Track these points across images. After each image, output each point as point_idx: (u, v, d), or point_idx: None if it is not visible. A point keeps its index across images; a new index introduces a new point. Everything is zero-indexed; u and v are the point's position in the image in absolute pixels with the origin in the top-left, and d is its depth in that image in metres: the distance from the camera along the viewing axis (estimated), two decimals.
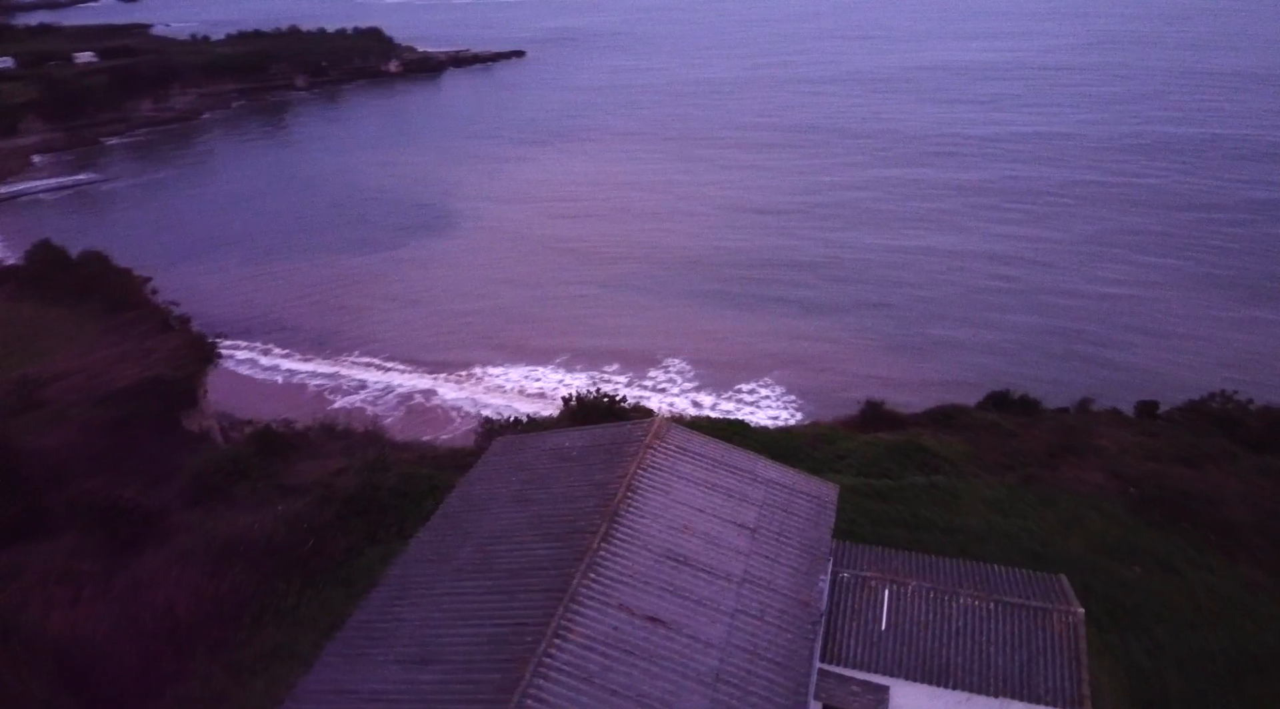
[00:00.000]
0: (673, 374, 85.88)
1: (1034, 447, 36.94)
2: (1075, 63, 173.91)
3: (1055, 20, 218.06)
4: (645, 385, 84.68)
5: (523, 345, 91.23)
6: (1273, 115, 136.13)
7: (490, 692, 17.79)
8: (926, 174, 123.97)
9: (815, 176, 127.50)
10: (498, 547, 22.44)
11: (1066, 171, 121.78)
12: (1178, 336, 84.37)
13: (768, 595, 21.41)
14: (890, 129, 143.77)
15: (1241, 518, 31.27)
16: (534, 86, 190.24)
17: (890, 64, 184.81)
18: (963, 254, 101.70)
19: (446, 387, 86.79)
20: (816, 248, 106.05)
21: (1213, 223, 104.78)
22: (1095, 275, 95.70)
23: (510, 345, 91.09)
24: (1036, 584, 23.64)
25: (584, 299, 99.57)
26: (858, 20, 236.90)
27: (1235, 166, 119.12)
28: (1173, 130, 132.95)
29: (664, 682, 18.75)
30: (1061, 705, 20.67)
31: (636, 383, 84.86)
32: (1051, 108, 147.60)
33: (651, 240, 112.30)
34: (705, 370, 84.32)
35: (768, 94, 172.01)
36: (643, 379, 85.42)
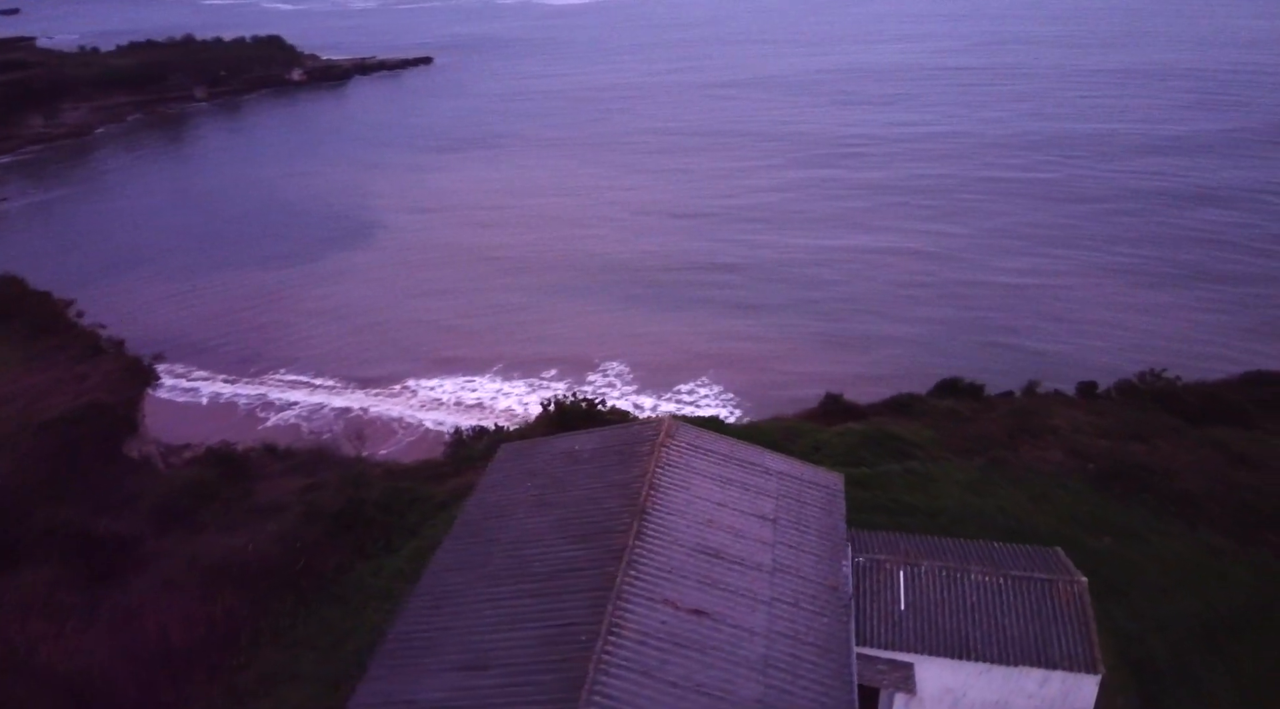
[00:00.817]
0: (612, 378, 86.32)
1: (993, 430, 38.82)
2: (970, 63, 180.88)
3: (950, 22, 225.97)
4: (584, 391, 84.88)
5: (455, 357, 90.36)
6: (1158, 110, 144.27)
7: (555, 691, 18.04)
8: (839, 174, 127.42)
9: (734, 179, 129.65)
10: (528, 551, 22.61)
11: (969, 169, 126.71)
12: (1085, 322, 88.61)
13: (798, 583, 22.17)
14: (802, 131, 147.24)
15: (1196, 487, 33.57)
16: (444, 93, 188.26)
17: (797, 68, 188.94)
18: (879, 251, 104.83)
19: (380, 402, 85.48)
20: (740, 249, 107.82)
21: (1108, 213, 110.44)
22: (1003, 267, 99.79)
23: (442, 357, 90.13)
24: (1037, 558, 25.03)
25: (514, 308, 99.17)
26: (763, 25, 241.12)
27: (1125, 159, 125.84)
28: (1065, 126, 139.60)
29: (717, 671, 19.29)
30: (1077, 669, 21.99)
31: (576, 388, 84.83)
32: (951, 108, 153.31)
33: (577, 246, 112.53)
34: (644, 373, 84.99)
35: (681, 98, 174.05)
36: (582, 384, 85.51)
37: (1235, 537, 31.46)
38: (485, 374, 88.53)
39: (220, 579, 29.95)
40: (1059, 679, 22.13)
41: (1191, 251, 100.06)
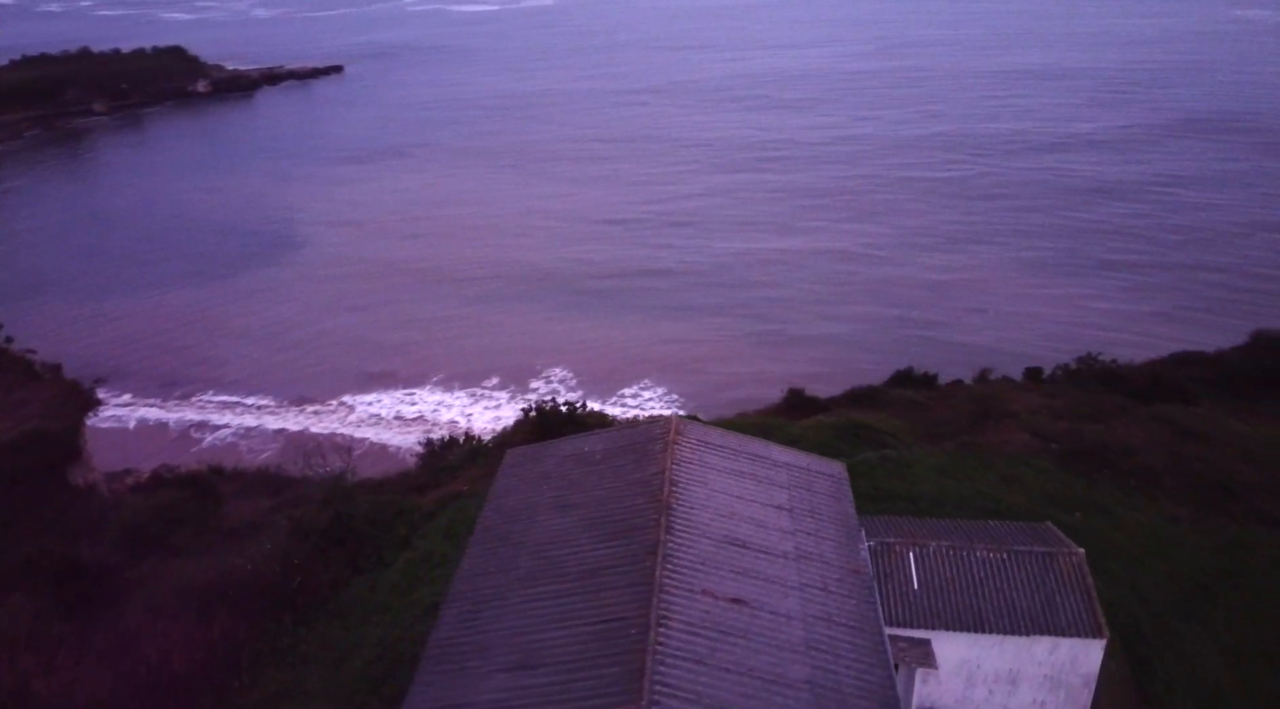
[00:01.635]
0: (555, 384, 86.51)
1: (956, 416, 40.53)
2: (876, 67, 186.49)
3: (853, 28, 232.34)
4: (528, 399, 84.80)
5: (390, 372, 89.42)
6: (1056, 109, 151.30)
7: (616, 683, 18.36)
8: (762, 178, 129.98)
9: (659, 185, 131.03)
10: (559, 552, 22.85)
11: (884, 170, 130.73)
12: (1004, 314, 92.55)
13: (823, 568, 22.96)
14: (721, 136, 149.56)
15: (1153, 462, 35.74)
16: (357, 103, 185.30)
17: (711, 73, 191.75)
18: (805, 252, 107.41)
19: (316, 420, 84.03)
20: (670, 254, 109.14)
21: (1017, 209, 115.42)
22: (924, 264, 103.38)
23: (377, 373, 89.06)
24: (1032, 533, 26.42)
25: (446, 319, 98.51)
26: (673, 32, 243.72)
27: (1029, 157, 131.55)
28: (972, 127, 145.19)
29: (765, 656, 19.89)
30: (1084, 635, 23.35)
31: (520, 395, 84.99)
32: (862, 111, 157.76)
33: (505, 256, 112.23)
34: (587, 378, 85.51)
35: (598, 105, 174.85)
36: (525, 392, 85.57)
37: (1191, 506, 33.64)
38: (424, 386, 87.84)
39: (214, 601, 29.24)
40: (1067, 646, 23.46)
41: (1095, 244, 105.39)
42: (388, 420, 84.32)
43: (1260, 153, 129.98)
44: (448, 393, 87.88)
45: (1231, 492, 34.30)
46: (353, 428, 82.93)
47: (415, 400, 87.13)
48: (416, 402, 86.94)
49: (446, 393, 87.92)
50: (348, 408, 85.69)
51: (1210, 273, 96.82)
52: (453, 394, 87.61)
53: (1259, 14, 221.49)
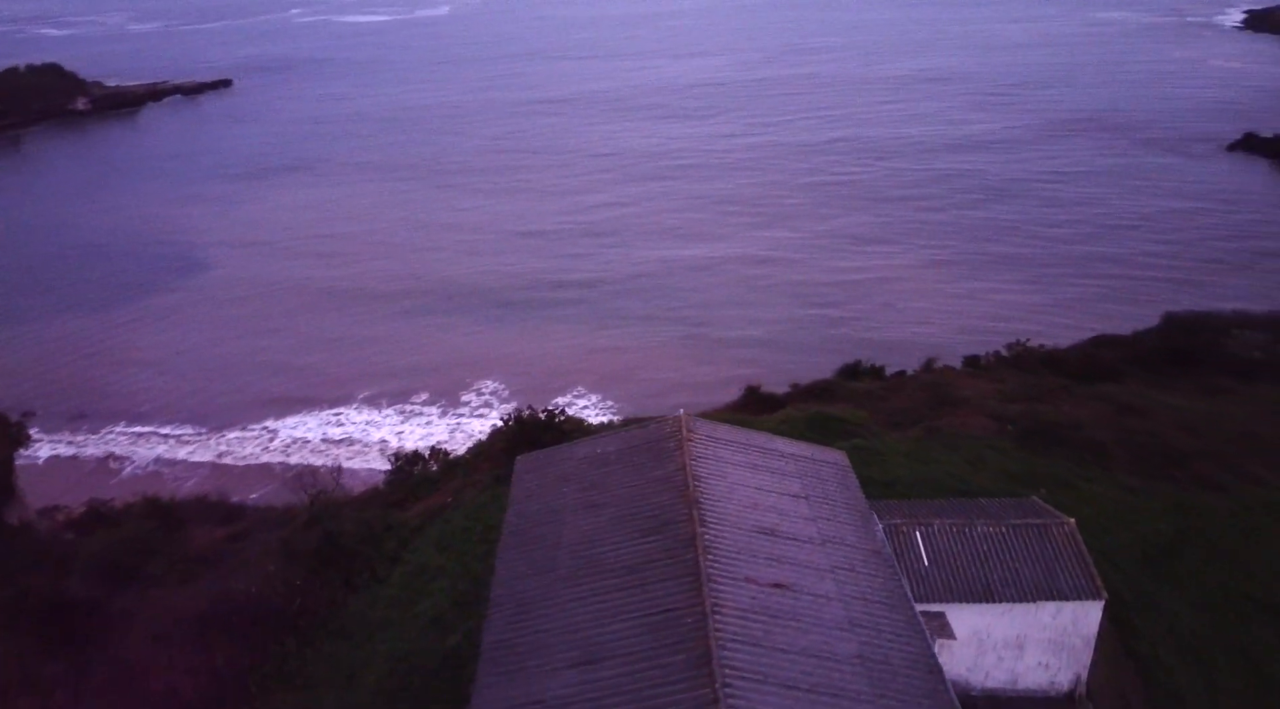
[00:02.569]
0: (487, 396, 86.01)
1: (913, 404, 42.44)
2: (774, 75, 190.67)
3: (748, 36, 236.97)
4: (461, 413, 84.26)
5: (312, 394, 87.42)
6: (947, 112, 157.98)
7: (685, 670, 18.94)
8: (673, 187, 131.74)
9: (572, 196, 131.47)
10: (595, 550, 23.28)
11: (790, 176, 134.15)
12: (916, 310, 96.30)
13: (847, 550, 24.03)
14: (629, 147, 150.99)
15: (1102, 436, 38.26)
16: (249, 118, 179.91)
17: (611, 83, 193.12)
18: (722, 259, 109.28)
19: (239, 446, 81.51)
20: (590, 264, 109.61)
21: (919, 210, 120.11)
22: (836, 266, 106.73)
23: (297, 396, 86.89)
24: (1022, 507, 28.15)
25: (365, 338, 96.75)
26: (569, 42, 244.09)
27: (926, 160, 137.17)
28: (870, 132, 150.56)
29: (815, 636, 20.77)
30: (1084, 598, 25.09)
31: (452, 411, 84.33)
32: (764, 119, 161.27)
33: (420, 271, 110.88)
34: (518, 389, 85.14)
35: (499, 116, 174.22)
36: (457, 406, 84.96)
37: (1142, 475, 36.22)
38: (350, 406, 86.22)
39: (212, 628, 28.47)
40: (1070, 609, 25.14)
41: (993, 241, 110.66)
42: (314, 443, 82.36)
43: (1134, 148, 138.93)
44: (376, 411, 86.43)
45: (1175, 460, 37.07)
46: (279, 453, 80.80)
47: (342, 421, 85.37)
48: (344, 422, 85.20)
49: (375, 411, 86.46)
50: (270, 433, 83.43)
51: (1100, 263, 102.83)
52: (381, 412, 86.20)
53: (1119, 15, 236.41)
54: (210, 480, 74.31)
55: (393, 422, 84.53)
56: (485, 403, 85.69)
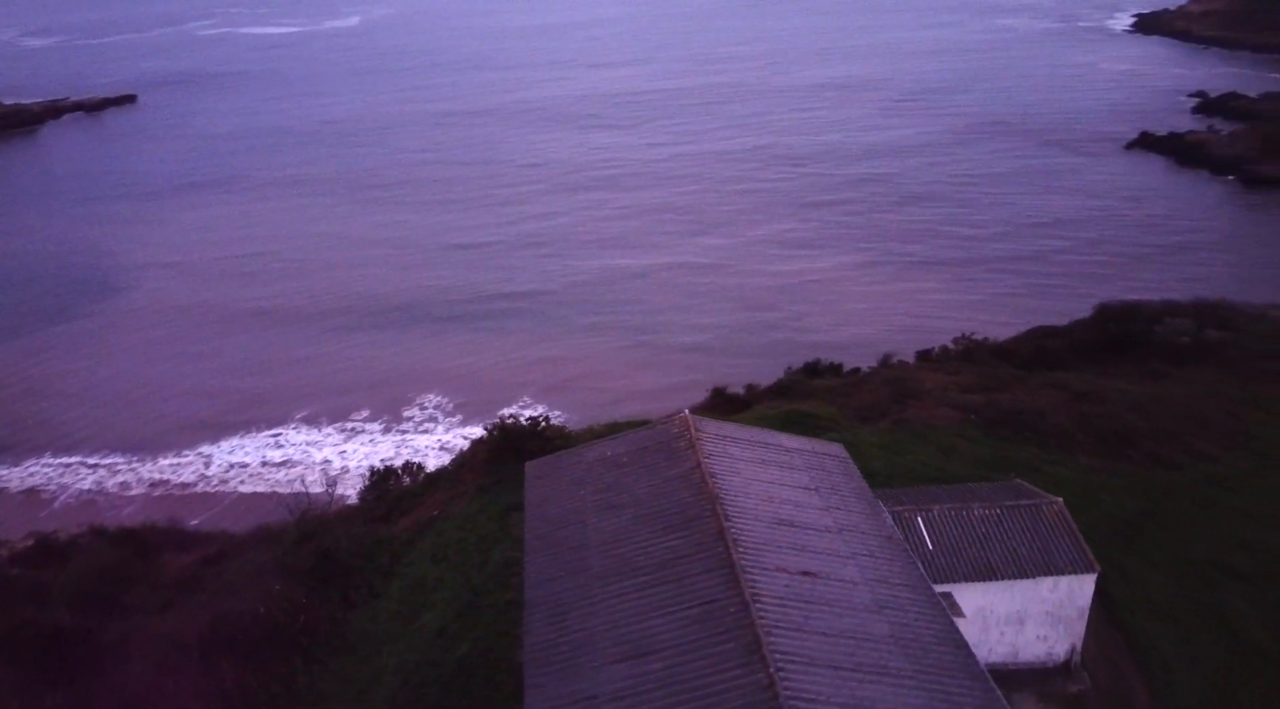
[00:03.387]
0: (431, 411, 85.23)
1: (877, 399, 43.90)
2: (694, 84, 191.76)
3: (666, 46, 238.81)
4: (405, 429, 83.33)
5: (247, 416, 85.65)
6: (863, 118, 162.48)
7: (736, 657, 19.57)
8: (605, 197, 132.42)
9: (501, 208, 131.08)
10: (624, 549, 23.75)
11: (718, 183, 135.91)
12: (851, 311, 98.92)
13: (863, 537, 25.00)
14: (557, 158, 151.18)
15: (1062, 422, 40.28)
16: (158, 134, 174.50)
17: (538, 94, 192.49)
18: (661, 266, 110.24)
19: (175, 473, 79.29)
20: (529, 276, 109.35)
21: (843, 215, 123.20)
22: (772, 270, 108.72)
23: (232, 419, 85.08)
24: (1010, 490, 29.60)
25: (300, 358, 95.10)
26: (492, 52, 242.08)
27: (846, 166, 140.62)
28: (791, 139, 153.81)
29: (848, 619, 21.62)
30: (1079, 571, 26.59)
31: (395, 427, 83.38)
32: (687, 128, 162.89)
33: (352, 288, 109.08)
34: (463, 402, 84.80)
35: (423, 129, 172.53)
36: (400, 422, 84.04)
37: (1101, 456, 38.30)
38: (287, 426, 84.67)
39: (215, 652, 27.93)
40: (1066, 582, 26.61)
41: (916, 242, 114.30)
42: (253, 467, 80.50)
43: (1040, 149, 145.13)
44: (316, 431, 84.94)
45: (1130, 441, 39.28)
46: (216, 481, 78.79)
47: (281, 442, 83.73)
48: (283, 443, 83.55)
49: (314, 431, 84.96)
50: (205, 458, 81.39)
51: (1018, 261, 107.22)
52: (321, 432, 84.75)
53: (1017, 22, 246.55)
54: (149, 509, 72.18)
55: (334, 441, 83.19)
56: (430, 417, 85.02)
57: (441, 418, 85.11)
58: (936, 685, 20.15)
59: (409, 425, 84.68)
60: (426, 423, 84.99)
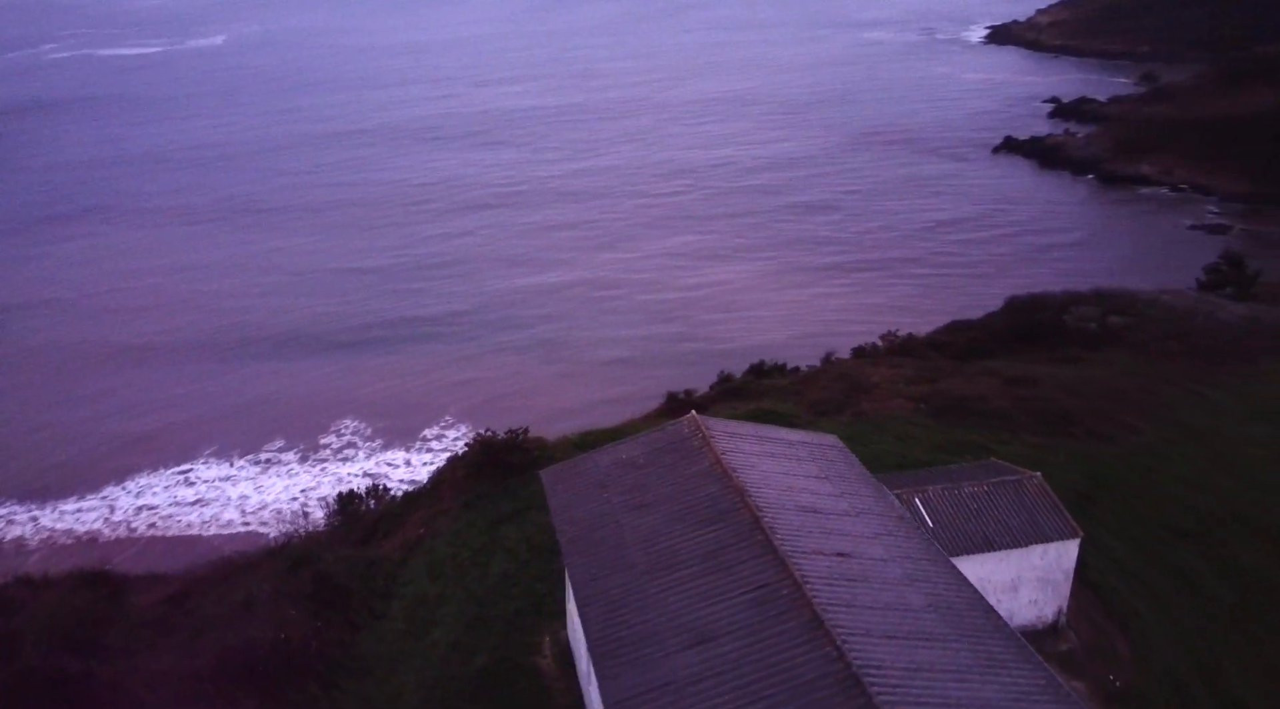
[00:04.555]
0: (349, 437, 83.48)
1: (831, 394, 45.85)
2: (580, 100, 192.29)
3: (548, 62, 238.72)
4: (324, 457, 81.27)
5: (150, 456, 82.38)
6: (751, 132, 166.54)
7: (801, 634, 20.67)
8: (504, 217, 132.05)
9: (396, 229, 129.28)
10: (664, 544, 24.57)
11: (616, 200, 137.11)
12: (758, 318, 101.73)
13: (879, 519, 26.50)
14: (449, 177, 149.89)
15: (1003, 406, 43.08)
16: (18, 165, 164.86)
17: (422, 112, 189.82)
18: (570, 284, 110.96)
19: (78, 521, 75.27)
20: (436, 298, 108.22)
21: (743, 227, 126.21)
22: (679, 283, 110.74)
23: (134, 459, 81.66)
24: (989, 468, 31.73)
25: (200, 393, 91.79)
26: (368, 70, 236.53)
27: (740, 178, 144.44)
28: (684, 155, 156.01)
29: (887, 593, 23.01)
30: (1065, 537, 28.84)
31: (313, 456, 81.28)
32: (579, 144, 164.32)
33: (252, 319, 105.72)
34: (383, 426, 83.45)
35: (305, 152, 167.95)
36: (318, 450, 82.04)
37: (1044, 435, 41.21)
38: (197, 462, 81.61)
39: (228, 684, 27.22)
40: (1054, 548, 28.82)
41: (812, 251, 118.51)
42: (164, 506, 77.14)
43: (917, 157, 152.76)
44: (228, 465, 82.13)
45: (1067, 419, 42.40)
46: (122, 526, 75.07)
47: (192, 479, 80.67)
48: (194, 480, 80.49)
49: (226, 465, 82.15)
50: (110, 502, 77.62)
51: (911, 265, 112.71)
52: (234, 466, 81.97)
53: (883, 36, 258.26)
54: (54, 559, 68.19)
55: (249, 474, 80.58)
56: (349, 443, 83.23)
57: (361, 443, 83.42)
58: (979, 647, 21.72)
59: (327, 453, 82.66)
60: (346, 449, 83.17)
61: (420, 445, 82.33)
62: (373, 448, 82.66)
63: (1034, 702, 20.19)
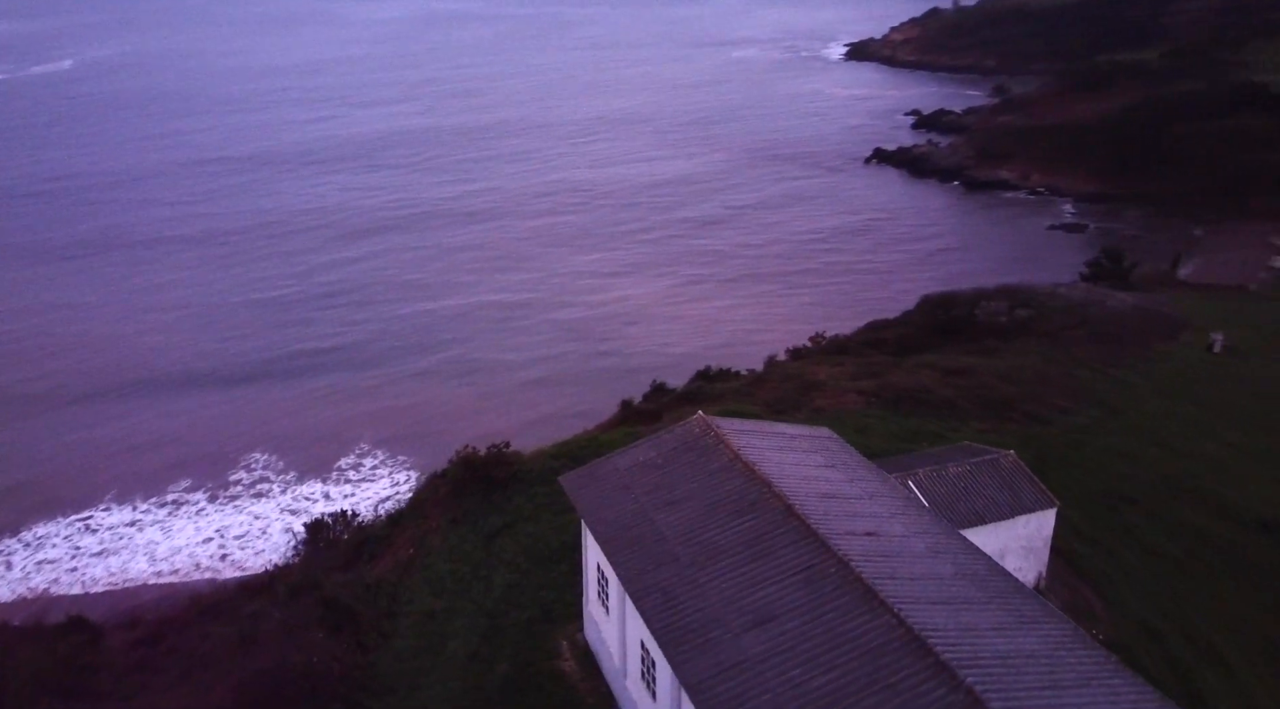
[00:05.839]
0: (261, 471, 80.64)
1: (784, 393, 47.68)
2: (468, 122, 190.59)
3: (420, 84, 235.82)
4: (236, 493, 78.16)
5: (49, 498, 77.40)
6: (642, 150, 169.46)
7: (859, 604, 22.04)
8: (398, 240, 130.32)
9: (292, 258, 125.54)
10: (704, 536, 25.61)
11: (512, 221, 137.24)
12: (675, 330, 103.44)
13: (889, 500, 28.22)
14: (338, 202, 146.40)
15: (948, 396, 45.87)
16: None
17: (299, 137, 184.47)
18: (475, 305, 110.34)
19: None
20: (336, 327, 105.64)
21: (642, 243, 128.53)
22: (585, 301, 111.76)
23: (26, 509, 76.35)
24: (965, 450, 34.07)
25: (99, 438, 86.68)
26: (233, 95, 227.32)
27: (634, 196, 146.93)
28: (576, 175, 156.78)
29: (919, 565, 24.67)
30: (1043, 508, 31.35)
31: (223, 493, 78.11)
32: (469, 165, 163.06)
33: (140, 359, 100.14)
34: (294, 458, 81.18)
35: (178, 180, 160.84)
36: (228, 487, 78.93)
37: (988, 420, 44.21)
38: (97, 507, 77.35)
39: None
40: (1036, 518, 31.28)
41: (709, 266, 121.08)
42: (64, 561, 72.77)
43: (799, 170, 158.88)
44: (131, 509, 78.07)
45: (1006, 404, 45.60)
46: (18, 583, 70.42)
47: (94, 525, 76.37)
48: (95, 526, 76.22)
49: (129, 509, 78.09)
50: (4, 556, 72.78)
51: (807, 275, 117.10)
52: (138, 510, 78.09)
53: (752, 53, 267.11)
54: None
55: (156, 517, 76.92)
56: (261, 478, 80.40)
57: (275, 477, 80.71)
58: (1011, 607, 23.58)
59: (239, 489, 79.66)
60: (260, 484, 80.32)
61: (337, 476, 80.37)
62: (287, 481, 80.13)
63: (1070, 649, 22.13)
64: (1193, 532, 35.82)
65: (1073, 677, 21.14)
